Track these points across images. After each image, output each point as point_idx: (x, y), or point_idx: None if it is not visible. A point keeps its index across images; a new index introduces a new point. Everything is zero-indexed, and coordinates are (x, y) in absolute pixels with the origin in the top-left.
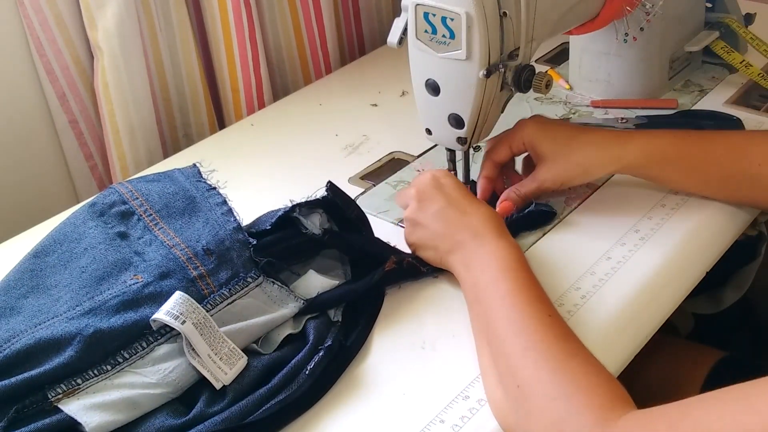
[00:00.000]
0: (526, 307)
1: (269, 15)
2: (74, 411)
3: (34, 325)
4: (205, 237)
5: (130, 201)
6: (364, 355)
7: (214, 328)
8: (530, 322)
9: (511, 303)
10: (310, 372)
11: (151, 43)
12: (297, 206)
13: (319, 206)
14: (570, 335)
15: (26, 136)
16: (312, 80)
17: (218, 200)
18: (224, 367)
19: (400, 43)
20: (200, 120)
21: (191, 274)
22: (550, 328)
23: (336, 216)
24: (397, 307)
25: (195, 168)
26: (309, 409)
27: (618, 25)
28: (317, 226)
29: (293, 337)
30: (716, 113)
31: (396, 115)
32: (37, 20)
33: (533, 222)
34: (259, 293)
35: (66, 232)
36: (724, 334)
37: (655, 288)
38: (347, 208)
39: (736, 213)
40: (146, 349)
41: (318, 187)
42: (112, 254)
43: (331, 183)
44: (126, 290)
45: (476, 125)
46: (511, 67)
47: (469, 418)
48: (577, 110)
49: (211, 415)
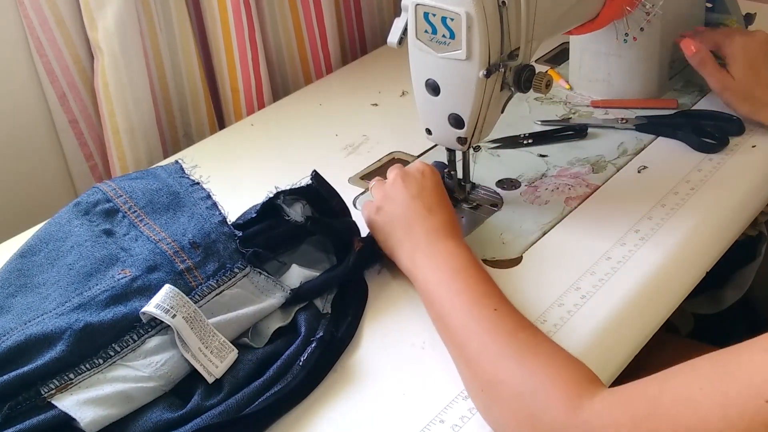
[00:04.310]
0: (474, 304)
1: (269, 15)
2: (68, 406)
3: (24, 322)
4: (190, 231)
5: (114, 199)
6: (364, 354)
7: (204, 322)
8: (480, 320)
9: (460, 302)
10: (304, 363)
11: (151, 43)
12: (281, 193)
13: (303, 196)
14: (523, 325)
15: (26, 136)
16: (312, 80)
17: (202, 195)
18: (215, 360)
19: (400, 43)
20: (200, 120)
21: (179, 267)
22: (500, 322)
23: (318, 208)
24: (397, 307)
25: (177, 164)
26: (304, 399)
27: (618, 25)
28: (299, 214)
29: (284, 330)
30: (717, 113)
31: (396, 115)
32: (37, 20)
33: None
34: (247, 283)
35: (51, 232)
36: (724, 334)
37: (655, 288)
38: (330, 198)
39: (736, 213)
40: (137, 342)
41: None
42: (98, 251)
43: (315, 172)
44: (114, 285)
45: (476, 125)
46: (511, 67)
47: (469, 418)
48: (577, 110)
49: (207, 408)
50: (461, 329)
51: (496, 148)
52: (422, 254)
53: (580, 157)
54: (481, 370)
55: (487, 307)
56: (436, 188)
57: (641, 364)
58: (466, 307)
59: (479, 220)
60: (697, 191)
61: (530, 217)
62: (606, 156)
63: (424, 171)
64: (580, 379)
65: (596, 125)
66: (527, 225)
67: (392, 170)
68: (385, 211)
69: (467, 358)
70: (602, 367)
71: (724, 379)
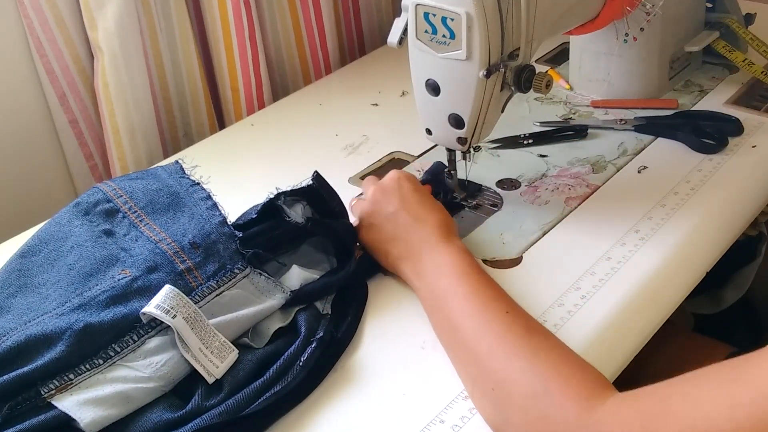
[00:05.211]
0: (484, 307)
1: (269, 15)
2: (68, 407)
3: (24, 323)
4: (191, 231)
5: (114, 199)
6: (364, 354)
7: (204, 322)
8: (492, 322)
9: (471, 305)
10: (304, 363)
11: (151, 43)
12: (282, 194)
13: (303, 196)
14: (535, 327)
15: (26, 136)
16: (312, 80)
17: (202, 195)
18: (215, 361)
19: (400, 43)
20: (200, 120)
21: (179, 268)
22: (513, 324)
23: (318, 209)
24: (398, 307)
25: (177, 165)
26: (304, 400)
27: (618, 25)
28: (299, 215)
29: (284, 330)
30: (716, 113)
31: (396, 115)
32: (37, 20)
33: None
34: (247, 284)
35: (51, 232)
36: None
37: (655, 288)
38: (330, 200)
39: (736, 213)
40: (137, 342)
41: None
42: (98, 251)
43: (317, 173)
44: (115, 285)
45: (476, 125)
46: (511, 67)
47: (469, 418)
48: (577, 110)
49: (207, 408)
50: (472, 332)
51: (496, 148)
52: (423, 265)
53: (580, 157)
54: (492, 369)
55: (499, 310)
56: (417, 194)
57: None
58: (476, 310)
59: (479, 220)
60: (697, 191)
61: (530, 217)
62: (606, 156)
63: (399, 179)
64: (593, 381)
65: (596, 126)
66: (527, 225)
67: (367, 186)
68: (375, 230)
69: (477, 358)
70: (603, 367)
71: (733, 384)
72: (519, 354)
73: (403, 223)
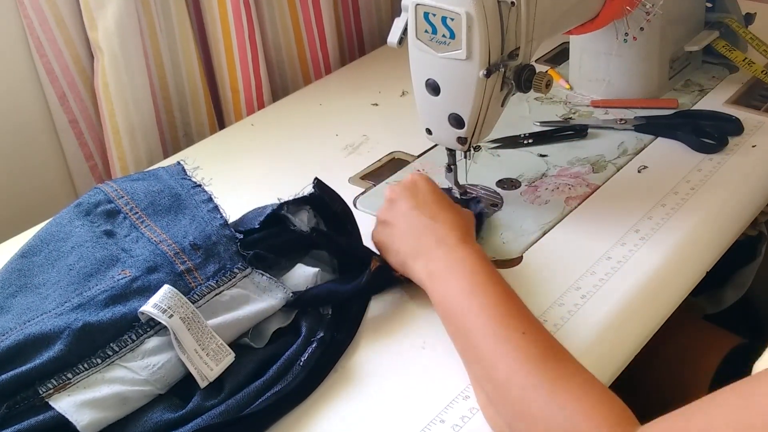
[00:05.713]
0: (501, 327)
1: (269, 15)
2: (65, 408)
3: (23, 322)
4: (191, 233)
5: (116, 200)
6: (364, 355)
7: (202, 323)
8: (508, 344)
9: (485, 324)
10: (304, 363)
11: (151, 43)
12: (285, 204)
13: (307, 203)
14: (558, 350)
15: (26, 136)
16: (312, 80)
17: (204, 197)
18: (210, 363)
19: (400, 43)
20: (200, 120)
21: (179, 269)
22: (529, 349)
23: (323, 212)
24: (398, 307)
25: (179, 166)
26: (304, 400)
27: (618, 25)
28: (305, 223)
29: (284, 330)
30: (716, 113)
31: (396, 115)
32: (37, 20)
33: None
34: (248, 283)
35: (52, 232)
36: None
37: (655, 288)
38: (333, 203)
39: (736, 213)
40: (136, 342)
41: None
42: (99, 252)
43: (317, 179)
44: (114, 285)
45: (476, 125)
46: (511, 67)
47: (469, 418)
48: (577, 110)
49: (208, 408)
50: (487, 351)
51: (496, 148)
52: (436, 264)
53: (580, 157)
54: (510, 398)
55: (515, 330)
56: (434, 194)
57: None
58: (490, 327)
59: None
60: (697, 191)
61: (530, 217)
62: (606, 156)
63: (415, 181)
64: (617, 415)
65: (596, 125)
66: (527, 225)
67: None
68: (389, 227)
69: (495, 382)
70: (603, 367)
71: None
72: (536, 383)
73: (418, 221)
